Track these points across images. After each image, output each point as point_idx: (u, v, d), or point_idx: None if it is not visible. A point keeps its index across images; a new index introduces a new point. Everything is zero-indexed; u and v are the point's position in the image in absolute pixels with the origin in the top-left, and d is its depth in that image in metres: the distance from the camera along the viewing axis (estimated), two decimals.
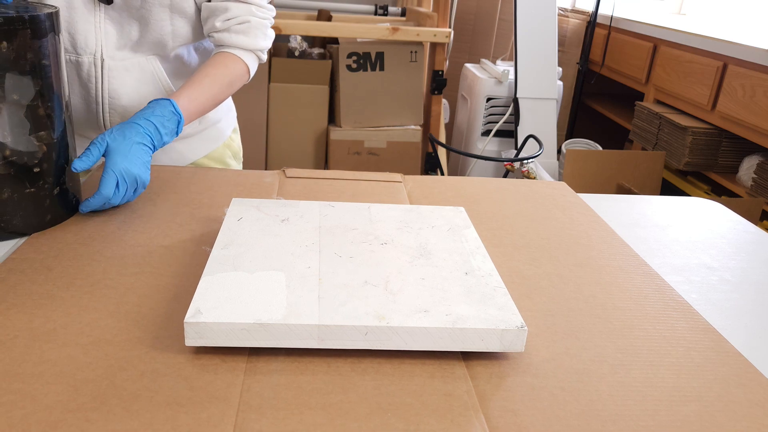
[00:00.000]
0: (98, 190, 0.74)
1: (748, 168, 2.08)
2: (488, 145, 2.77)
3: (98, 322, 0.56)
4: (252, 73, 0.99)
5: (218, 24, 0.93)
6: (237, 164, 1.17)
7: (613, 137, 3.04)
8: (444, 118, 2.76)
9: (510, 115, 2.71)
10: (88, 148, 0.75)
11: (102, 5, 0.88)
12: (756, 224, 1.31)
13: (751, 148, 2.14)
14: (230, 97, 1.12)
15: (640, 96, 2.66)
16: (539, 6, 2.65)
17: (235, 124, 1.17)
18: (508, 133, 2.77)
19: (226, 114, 1.13)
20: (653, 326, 0.62)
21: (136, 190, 0.77)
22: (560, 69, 2.80)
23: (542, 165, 2.58)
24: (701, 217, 0.97)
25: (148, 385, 0.49)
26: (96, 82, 0.91)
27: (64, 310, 0.57)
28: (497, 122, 2.73)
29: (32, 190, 0.71)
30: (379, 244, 0.67)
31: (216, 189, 0.88)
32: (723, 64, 2.12)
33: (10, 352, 0.51)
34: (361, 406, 0.48)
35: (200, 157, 1.09)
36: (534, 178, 2.35)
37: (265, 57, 1.00)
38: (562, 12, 3.15)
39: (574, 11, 3.26)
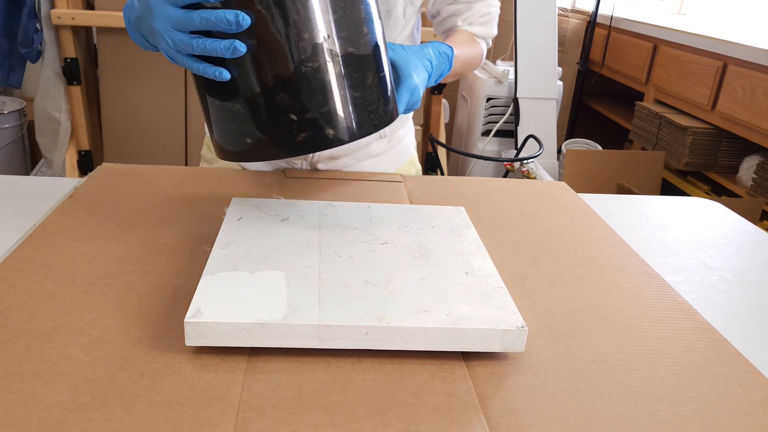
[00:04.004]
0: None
1: (748, 168, 2.08)
2: (488, 145, 2.77)
3: (98, 322, 0.56)
4: (483, 60, 1.00)
5: (460, 23, 0.95)
6: None
7: (613, 137, 3.04)
8: (444, 118, 2.76)
9: (510, 115, 2.71)
10: None
11: None
12: (756, 224, 1.31)
13: (751, 148, 2.14)
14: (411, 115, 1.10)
15: (640, 96, 2.66)
16: (539, 6, 2.65)
17: (415, 141, 1.14)
18: (508, 133, 2.77)
19: (410, 131, 1.10)
20: (653, 326, 0.62)
21: (413, 106, 0.77)
22: (560, 69, 2.80)
23: (542, 165, 2.58)
24: (701, 217, 0.97)
25: (148, 385, 0.49)
26: None
27: (64, 310, 0.57)
28: (497, 122, 2.73)
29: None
30: (380, 244, 0.67)
31: (216, 188, 0.88)
32: (723, 64, 2.12)
33: (10, 352, 0.51)
34: (361, 406, 0.48)
35: None
36: (534, 178, 2.35)
37: (491, 43, 1.02)
38: (562, 12, 3.15)
39: (574, 11, 3.26)
